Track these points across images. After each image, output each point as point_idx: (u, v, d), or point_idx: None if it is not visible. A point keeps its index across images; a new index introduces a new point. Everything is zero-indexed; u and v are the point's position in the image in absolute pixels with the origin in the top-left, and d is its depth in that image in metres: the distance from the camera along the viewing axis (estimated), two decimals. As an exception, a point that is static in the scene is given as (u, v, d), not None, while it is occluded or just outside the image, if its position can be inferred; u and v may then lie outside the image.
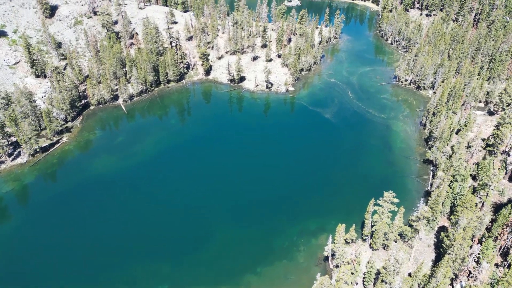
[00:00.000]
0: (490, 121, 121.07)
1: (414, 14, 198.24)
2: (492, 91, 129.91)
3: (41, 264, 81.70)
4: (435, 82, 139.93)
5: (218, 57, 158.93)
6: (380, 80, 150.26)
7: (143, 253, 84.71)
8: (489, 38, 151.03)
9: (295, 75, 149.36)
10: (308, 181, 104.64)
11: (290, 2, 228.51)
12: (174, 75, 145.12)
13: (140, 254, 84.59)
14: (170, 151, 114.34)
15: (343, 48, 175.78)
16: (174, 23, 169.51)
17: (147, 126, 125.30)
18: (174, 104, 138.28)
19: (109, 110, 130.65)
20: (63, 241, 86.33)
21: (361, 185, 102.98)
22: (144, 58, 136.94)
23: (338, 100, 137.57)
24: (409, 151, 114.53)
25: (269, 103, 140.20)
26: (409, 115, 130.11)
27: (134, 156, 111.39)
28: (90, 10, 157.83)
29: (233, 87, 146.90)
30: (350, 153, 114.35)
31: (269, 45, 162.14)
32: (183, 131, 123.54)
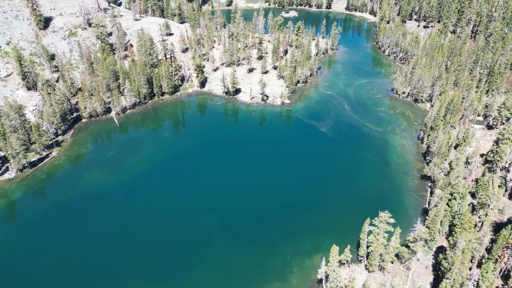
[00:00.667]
0: (489, 135, 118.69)
1: (411, 25, 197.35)
2: (491, 104, 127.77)
3: (28, 283, 78.52)
4: (433, 95, 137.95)
5: (213, 69, 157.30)
6: (377, 93, 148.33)
7: (132, 272, 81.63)
8: (487, 51, 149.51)
9: (291, 87, 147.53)
10: (303, 197, 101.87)
11: (288, 13, 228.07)
12: (168, 88, 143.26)
13: (130, 273, 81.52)
14: (162, 166, 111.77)
15: (340, 60, 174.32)
16: (170, 34, 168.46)
17: (139, 140, 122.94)
18: (167, 117, 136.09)
19: (101, 123, 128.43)
20: (51, 258, 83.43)
21: (358, 201, 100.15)
22: (137, 70, 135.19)
23: (335, 113, 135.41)
24: (407, 166, 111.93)
25: (265, 116, 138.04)
26: (406, 129, 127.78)
27: (125, 171, 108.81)
28: (85, 21, 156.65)
29: (228, 100, 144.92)
30: (347, 168, 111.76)
31: (265, 57, 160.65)
32: (176, 144, 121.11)
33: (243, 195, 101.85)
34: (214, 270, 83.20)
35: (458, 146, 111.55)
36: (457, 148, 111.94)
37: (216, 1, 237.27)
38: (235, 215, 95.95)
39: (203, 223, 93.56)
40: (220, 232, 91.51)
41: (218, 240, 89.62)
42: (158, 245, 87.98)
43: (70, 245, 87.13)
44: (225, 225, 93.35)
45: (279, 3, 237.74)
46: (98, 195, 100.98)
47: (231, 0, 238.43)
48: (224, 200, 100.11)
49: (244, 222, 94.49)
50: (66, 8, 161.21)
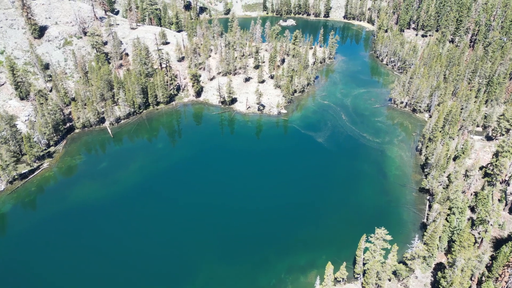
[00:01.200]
0: (488, 146, 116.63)
1: (409, 34, 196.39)
2: (490, 115, 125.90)
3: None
4: (431, 105, 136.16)
5: (209, 78, 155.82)
6: (375, 103, 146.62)
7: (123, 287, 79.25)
8: (486, 60, 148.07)
9: (288, 97, 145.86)
10: (299, 210, 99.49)
11: (285, 22, 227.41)
12: (163, 97, 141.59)
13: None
14: (155, 178, 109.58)
15: (338, 69, 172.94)
16: (166, 43, 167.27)
17: (133, 151, 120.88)
18: (162, 127, 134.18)
19: (95, 134, 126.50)
20: (41, 272, 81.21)
21: (354, 215, 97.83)
22: (132, 80, 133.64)
23: (332, 124, 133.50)
24: (405, 178, 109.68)
25: (261, 126, 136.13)
26: (404, 140, 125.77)
27: (117, 183, 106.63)
28: (80, 30, 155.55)
29: (224, 109, 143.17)
30: (343, 180, 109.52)
31: (261, 66, 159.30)
32: (170, 155, 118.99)
33: (237, 208, 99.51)
34: (206, 287, 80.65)
35: (457, 158, 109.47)
36: (456, 160, 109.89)
37: (214, 10, 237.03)
38: (229, 229, 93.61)
39: (196, 237, 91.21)
40: (214, 247, 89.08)
41: (211, 255, 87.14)
42: (149, 260, 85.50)
43: (60, 259, 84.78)
44: (219, 239, 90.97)
45: (277, 12, 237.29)
46: (89, 208, 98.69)
47: (229, 9, 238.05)
48: (218, 213, 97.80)
49: (238, 236, 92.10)
50: (62, 17, 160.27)
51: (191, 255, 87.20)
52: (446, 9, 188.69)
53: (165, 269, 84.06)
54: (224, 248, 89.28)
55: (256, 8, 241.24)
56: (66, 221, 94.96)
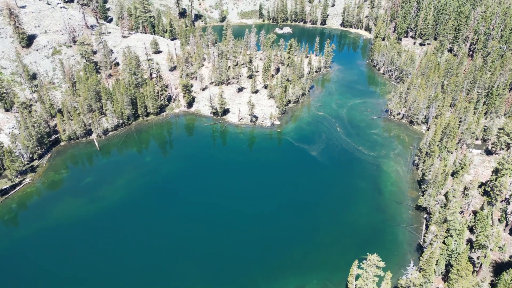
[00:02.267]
0: (488, 161, 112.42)
1: (407, 43, 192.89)
2: (489, 127, 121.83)
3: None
4: (429, 117, 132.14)
5: (202, 88, 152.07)
6: (371, 114, 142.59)
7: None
8: (485, 70, 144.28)
9: (282, 108, 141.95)
10: (290, 228, 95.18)
11: (281, 29, 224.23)
12: (153, 108, 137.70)
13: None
14: (142, 194, 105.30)
15: (334, 78, 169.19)
16: (158, 52, 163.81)
17: (120, 164, 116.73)
18: (151, 139, 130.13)
19: (81, 147, 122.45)
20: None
21: (347, 235, 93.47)
22: (121, 90, 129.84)
23: (326, 136, 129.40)
24: (401, 195, 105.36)
25: (253, 138, 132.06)
26: (401, 153, 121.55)
27: (102, 199, 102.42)
28: (70, 39, 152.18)
29: (216, 121, 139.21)
30: (337, 197, 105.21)
31: (254, 76, 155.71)
32: (158, 169, 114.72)
33: (226, 225, 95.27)
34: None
35: (455, 174, 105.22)
36: (454, 175, 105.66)
37: (209, 17, 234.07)
38: (217, 248, 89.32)
39: (183, 256, 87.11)
40: (201, 267, 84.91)
41: (196, 276, 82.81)
42: (133, 280, 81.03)
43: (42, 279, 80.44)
44: (206, 258, 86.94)
45: (273, 19, 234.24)
46: (72, 226, 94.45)
47: (224, 16, 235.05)
48: (207, 230, 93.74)
49: (226, 255, 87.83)
50: (52, 25, 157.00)
51: (176, 276, 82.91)
52: (444, 17, 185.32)
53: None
54: (211, 268, 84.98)
55: (252, 15, 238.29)
56: (48, 239, 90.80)
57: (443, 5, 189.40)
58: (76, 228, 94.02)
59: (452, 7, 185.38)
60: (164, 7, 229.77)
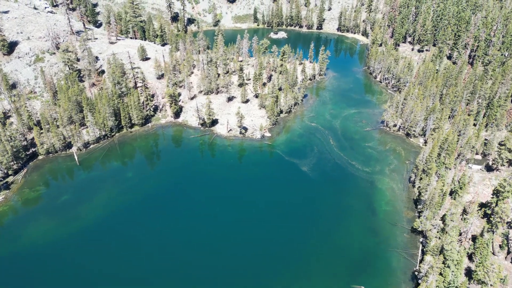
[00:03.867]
0: (488, 179, 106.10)
1: (405, 49, 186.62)
2: (490, 142, 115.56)
3: None
4: (426, 129, 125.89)
5: (190, 97, 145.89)
6: (366, 125, 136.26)
7: None
8: (485, 80, 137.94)
9: (272, 118, 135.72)
10: (276, 254, 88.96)
11: (276, 34, 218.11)
12: (138, 119, 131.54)
13: None
14: (121, 213, 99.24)
15: (328, 87, 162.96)
16: (146, 59, 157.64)
17: (99, 180, 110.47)
18: (134, 153, 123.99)
19: (60, 161, 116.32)
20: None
21: (338, 261, 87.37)
22: (103, 101, 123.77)
23: (318, 149, 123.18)
24: (396, 215, 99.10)
25: (242, 151, 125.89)
26: (396, 169, 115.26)
27: (77, 220, 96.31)
28: (54, 46, 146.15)
29: (203, 132, 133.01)
30: (328, 217, 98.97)
31: (246, 84, 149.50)
32: (140, 186, 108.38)
33: (208, 251, 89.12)
34: None
35: (454, 193, 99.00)
36: (453, 194, 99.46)
37: (202, 21, 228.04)
38: (198, 274, 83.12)
39: (162, 281, 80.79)
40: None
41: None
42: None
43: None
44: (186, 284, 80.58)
45: (268, 24, 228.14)
46: (45, 249, 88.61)
47: (218, 20, 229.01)
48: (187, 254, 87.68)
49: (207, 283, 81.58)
50: (35, 31, 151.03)
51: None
52: (443, 23, 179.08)
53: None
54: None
55: (246, 19, 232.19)
56: (18, 264, 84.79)
57: (442, 10, 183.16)
58: (50, 251, 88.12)
59: (451, 12, 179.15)
60: (156, 11, 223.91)
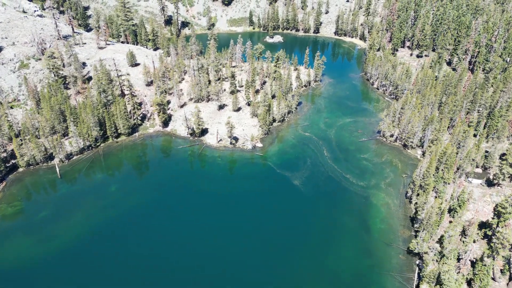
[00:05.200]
0: (489, 195, 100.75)
1: (403, 54, 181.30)
2: (491, 154, 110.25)
3: None
4: (424, 140, 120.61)
5: (180, 105, 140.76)
6: (362, 135, 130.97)
7: None
8: (486, 88, 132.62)
9: (265, 128, 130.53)
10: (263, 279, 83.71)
11: (272, 38, 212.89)
12: (124, 128, 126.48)
13: None
14: (102, 231, 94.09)
15: (324, 93, 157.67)
16: (135, 65, 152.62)
17: (80, 195, 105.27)
18: (119, 165, 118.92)
19: (41, 174, 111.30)
20: None
21: (329, 285, 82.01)
22: (87, 110, 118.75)
23: (311, 161, 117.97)
24: (391, 234, 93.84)
25: (232, 163, 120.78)
26: (393, 183, 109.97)
27: (54, 239, 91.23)
28: (39, 51, 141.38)
29: (192, 142, 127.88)
30: (319, 236, 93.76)
31: (237, 92, 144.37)
32: (123, 201, 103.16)
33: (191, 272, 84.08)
34: None
35: (453, 211, 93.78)
36: (451, 212, 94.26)
37: (197, 25, 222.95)
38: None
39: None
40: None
41: None
42: None
43: None
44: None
45: (264, 27, 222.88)
46: (18, 271, 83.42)
47: (213, 23, 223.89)
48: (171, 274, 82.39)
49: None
50: (21, 36, 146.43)
51: None
52: (443, 27, 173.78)
53: None
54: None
55: (242, 23, 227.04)
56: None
57: (442, 14, 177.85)
58: (23, 274, 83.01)
59: (451, 16, 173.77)
60: (149, 14, 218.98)
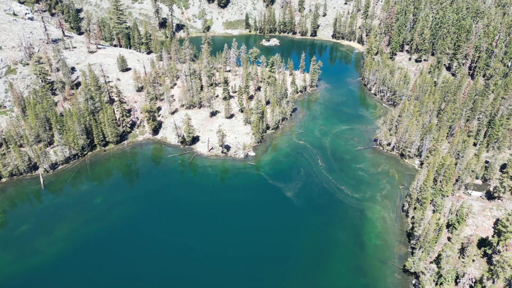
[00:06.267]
0: (489, 209, 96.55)
1: (402, 58, 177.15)
2: (491, 165, 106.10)
3: None
4: (422, 150, 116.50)
5: (171, 112, 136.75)
6: (358, 143, 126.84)
7: None
8: (487, 94, 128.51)
9: (257, 136, 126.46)
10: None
11: (268, 41, 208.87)
12: (112, 136, 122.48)
13: None
14: (85, 246, 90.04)
15: (320, 99, 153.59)
16: (126, 69, 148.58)
17: (64, 207, 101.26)
18: (106, 175, 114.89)
19: (24, 185, 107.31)
20: None
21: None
22: (73, 118, 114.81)
23: (305, 171, 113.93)
24: (386, 251, 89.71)
25: (223, 172, 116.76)
26: (389, 195, 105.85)
27: (34, 255, 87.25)
28: (27, 56, 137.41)
29: (183, 151, 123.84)
30: (311, 252, 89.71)
31: (228, 99, 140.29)
32: (108, 214, 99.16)
33: None
34: None
35: (451, 226, 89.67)
36: (450, 228, 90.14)
37: (192, 27, 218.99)
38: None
39: None
40: None
41: None
42: None
43: None
44: None
45: (260, 30, 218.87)
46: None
47: (208, 26, 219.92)
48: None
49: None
50: (9, 40, 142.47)
51: None
52: (443, 31, 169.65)
53: None
54: None
55: (238, 25, 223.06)
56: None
57: (442, 17, 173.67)
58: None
59: (451, 20, 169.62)
60: (144, 17, 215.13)
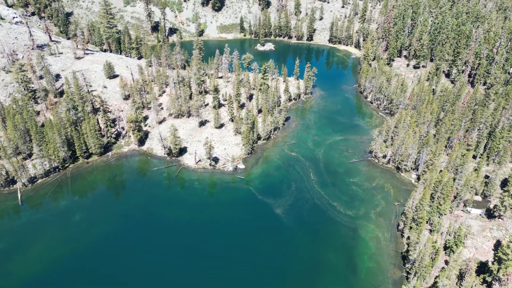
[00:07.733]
0: (489, 229, 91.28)
1: (400, 64, 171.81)
2: (491, 181, 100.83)
3: None
4: (419, 163, 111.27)
5: (158, 121, 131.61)
6: (352, 155, 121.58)
7: None
8: (487, 104, 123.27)
9: (248, 147, 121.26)
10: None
11: (263, 46, 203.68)
12: (96, 148, 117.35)
13: None
14: (62, 266, 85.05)
15: (314, 108, 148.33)
16: (114, 76, 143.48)
17: (41, 225, 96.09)
18: (88, 189, 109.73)
19: (1, 199, 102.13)
20: None
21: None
22: (54, 129, 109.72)
23: (296, 186, 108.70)
24: (380, 275, 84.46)
25: (211, 187, 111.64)
26: (384, 212, 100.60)
27: (7, 278, 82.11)
28: (10, 62, 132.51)
29: (169, 163, 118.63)
30: (299, 277, 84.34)
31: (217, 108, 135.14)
32: (87, 233, 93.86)
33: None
34: None
35: (449, 249, 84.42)
36: (447, 250, 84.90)
37: (185, 31, 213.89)
38: None
39: None
40: None
41: None
42: None
43: None
44: None
45: (255, 34, 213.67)
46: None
47: (202, 30, 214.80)
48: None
49: None
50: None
51: None
52: (442, 37, 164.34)
53: None
54: None
55: (232, 29, 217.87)
56: None
57: (441, 22, 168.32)
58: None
59: (451, 25, 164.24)
60: (136, 20, 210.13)
